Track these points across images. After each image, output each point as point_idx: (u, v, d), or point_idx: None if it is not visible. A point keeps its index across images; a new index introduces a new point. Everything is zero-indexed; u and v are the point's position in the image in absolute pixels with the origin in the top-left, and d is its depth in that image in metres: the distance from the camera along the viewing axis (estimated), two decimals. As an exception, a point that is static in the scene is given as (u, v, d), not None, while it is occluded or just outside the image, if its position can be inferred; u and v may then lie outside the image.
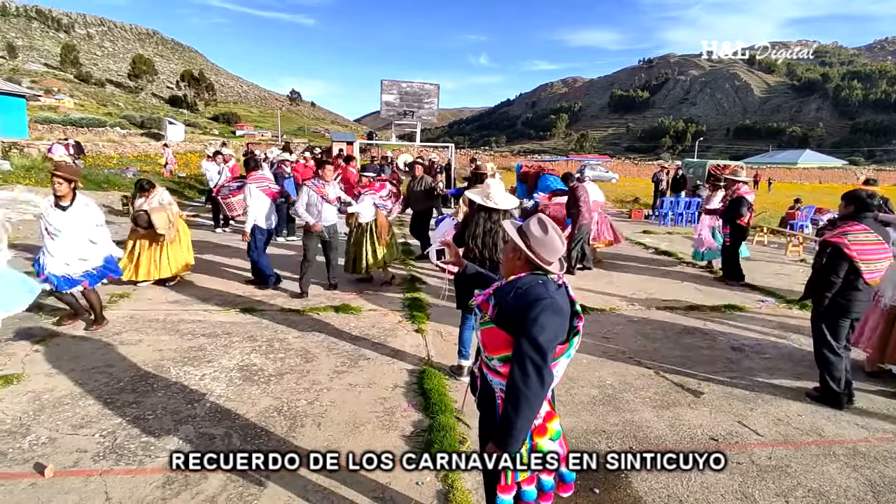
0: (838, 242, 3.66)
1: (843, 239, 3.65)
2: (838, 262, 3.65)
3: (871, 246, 3.64)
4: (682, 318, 5.94)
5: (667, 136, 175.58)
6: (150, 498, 2.63)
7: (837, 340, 3.83)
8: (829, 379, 3.85)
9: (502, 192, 3.98)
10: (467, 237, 3.89)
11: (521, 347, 1.73)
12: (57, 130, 38.79)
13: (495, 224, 3.85)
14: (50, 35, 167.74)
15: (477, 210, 3.95)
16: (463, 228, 4.01)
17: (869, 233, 3.65)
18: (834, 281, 3.66)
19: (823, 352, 3.86)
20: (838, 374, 3.83)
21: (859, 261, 3.59)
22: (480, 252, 3.84)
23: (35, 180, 13.74)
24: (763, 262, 9.55)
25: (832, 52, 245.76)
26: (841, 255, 3.64)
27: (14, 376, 3.84)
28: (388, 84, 16.85)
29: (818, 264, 3.85)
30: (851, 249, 3.61)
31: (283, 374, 4.12)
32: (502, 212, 3.90)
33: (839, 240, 3.67)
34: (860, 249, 3.61)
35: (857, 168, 64.76)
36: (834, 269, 3.66)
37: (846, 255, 3.61)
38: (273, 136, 77.87)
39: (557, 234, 1.93)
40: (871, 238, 3.65)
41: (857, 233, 3.66)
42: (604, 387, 4.12)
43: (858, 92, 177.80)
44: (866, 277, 3.63)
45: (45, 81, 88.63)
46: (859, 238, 3.63)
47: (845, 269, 3.64)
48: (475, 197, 3.97)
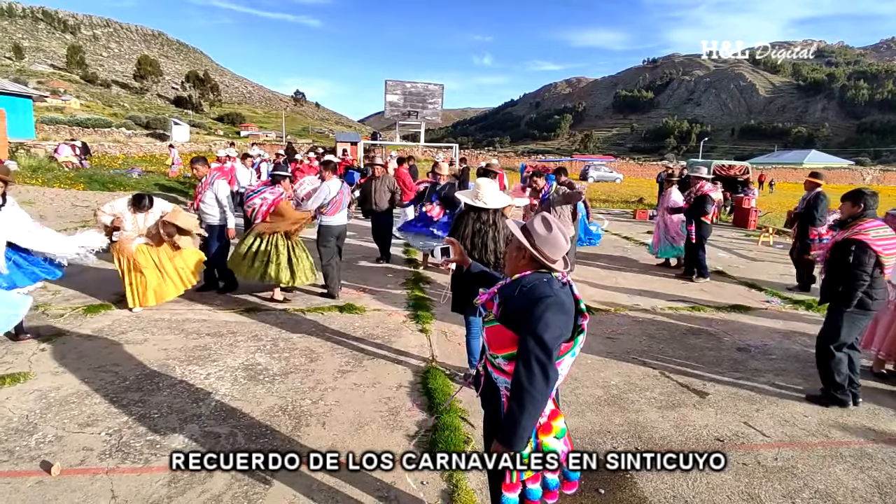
0: (864, 239, 3.69)
1: (868, 235, 3.70)
2: (866, 258, 3.67)
3: (889, 241, 3.71)
4: (687, 319, 5.92)
5: (671, 137, 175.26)
6: (156, 496, 2.64)
7: (852, 337, 3.86)
8: (836, 376, 3.83)
9: (494, 192, 3.81)
10: (457, 237, 3.74)
11: (527, 345, 1.73)
12: (63, 131, 39.04)
13: (485, 224, 3.73)
14: (56, 36, 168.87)
15: (466, 210, 3.84)
16: (454, 228, 3.91)
17: (886, 228, 3.74)
18: (865, 279, 3.67)
19: (831, 349, 3.84)
20: (845, 372, 3.83)
21: (884, 255, 3.67)
22: (470, 253, 3.71)
23: (42, 181, 13.82)
24: (768, 262, 9.51)
25: (838, 52, 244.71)
26: (867, 252, 3.67)
27: (21, 375, 3.86)
28: (392, 84, 16.88)
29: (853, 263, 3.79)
30: (877, 245, 3.66)
31: (287, 373, 4.12)
32: (492, 211, 3.76)
33: (863, 237, 3.70)
34: (884, 245, 3.68)
35: (863, 168, 64.36)
36: (863, 265, 3.67)
37: (872, 251, 3.65)
38: (277, 136, 78.10)
39: (562, 231, 1.93)
40: (889, 233, 3.73)
41: (878, 229, 3.73)
42: (608, 387, 4.11)
43: (865, 92, 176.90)
44: (887, 273, 3.75)
45: (51, 82, 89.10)
46: (880, 234, 3.71)
47: (872, 264, 3.68)
48: (464, 197, 3.85)
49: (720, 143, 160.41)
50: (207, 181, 5.99)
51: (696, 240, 7.59)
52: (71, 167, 17.48)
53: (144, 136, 47.67)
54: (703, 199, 7.53)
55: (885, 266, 3.72)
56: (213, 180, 5.98)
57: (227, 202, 6.02)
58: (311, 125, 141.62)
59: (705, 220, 7.60)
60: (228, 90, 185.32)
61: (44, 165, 16.43)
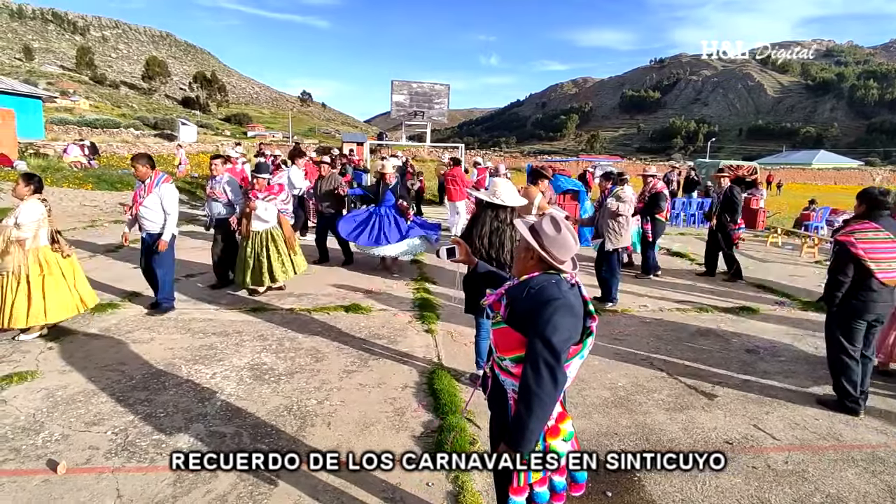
0: (845, 241, 3.62)
1: (851, 237, 3.60)
2: (845, 260, 3.61)
3: (881, 244, 3.55)
4: (695, 320, 5.86)
5: (678, 137, 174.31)
6: (161, 495, 2.63)
7: (852, 343, 3.71)
8: (846, 384, 3.74)
9: (511, 191, 3.80)
10: (474, 236, 3.73)
11: (535, 348, 1.71)
12: (72, 131, 39.39)
13: (502, 223, 3.69)
14: (66, 37, 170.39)
15: (483, 208, 3.78)
16: (469, 227, 3.87)
17: (879, 231, 3.57)
18: (841, 280, 3.62)
19: (839, 356, 3.75)
20: (855, 379, 3.72)
21: (867, 259, 3.52)
22: (487, 252, 3.68)
23: (51, 180, 13.91)
24: (778, 263, 9.43)
25: (848, 52, 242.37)
26: (847, 254, 3.59)
27: (28, 373, 3.88)
28: (398, 84, 16.87)
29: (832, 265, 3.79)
30: (858, 247, 3.55)
31: (293, 373, 4.12)
32: (510, 210, 3.73)
33: (846, 238, 3.63)
34: (868, 248, 3.54)
35: (873, 169, 63.80)
36: (840, 267, 3.63)
37: (853, 254, 3.56)
38: (284, 136, 78.38)
39: (570, 232, 1.90)
40: (882, 236, 3.56)
41: (866, 231, 3.59)
42: (616, 389, 4.07)
43: (874, 92, 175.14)
44: (879, 277, 3.54)
45: (60, 83, 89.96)
46: (867, 236, 3.57)
47: (852, 267, 3.58)
48: (482, 195, 3.82)
49: (728, 144, 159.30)
50: (152, 183, 5.23)
51: (651, 237, 7.84)
52: (80, 167, 17.61)
53: (152, 136, 47.99)
54: (657, 197, 7.76)
55: (874, 271, 3.52)
56: (158, 183, 5.24)
57: (174, 209, 5.31)
58: (317, 125, 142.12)
59: (660, 218, 7.84)
60: (236, 91, 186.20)
61: (53, 165, 16.55)
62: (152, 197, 5.21)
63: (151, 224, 5.27)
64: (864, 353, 3.79)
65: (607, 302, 6.24)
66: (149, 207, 5.22)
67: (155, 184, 5.24)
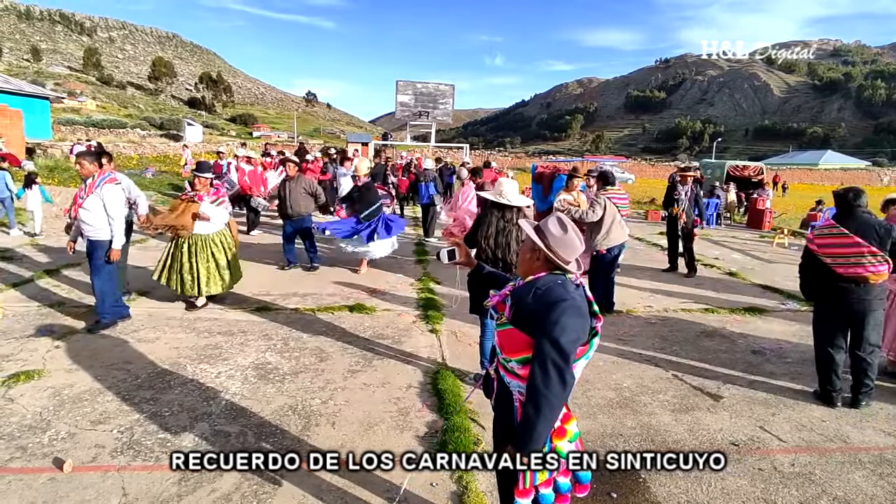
0: (806, 239, 3.99)
1: (810, 234, 3.97)
2: (804, 255, 3.97)
3: (837, 240, 3.70)
4: (700, 321, 5.84)
5: (684, 137, 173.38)
6: (166, 494, 2.64)
7: (830, 336, 3.86)
8: (824, 374, 3.91)
9: (515, 191, 3.84)
10: (479, 237, 3.74)
11: (543, 349, 1.69)
12: (79, 132, 39.63)
13: (508, 223, 3.70)
14: (73, 38, 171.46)
15: (489, 208, 3.79)
16: (475, 228, 3.87)
17: (834, 227, 3.74)
18: (803, 273, 4.01)
19: (819, 347, 3.96)
20: (828, 370, 3.87)
21: (821, 254, 3.75)
22: (493, 252, 3.69)
23: (58, 180, 14.01)
24: (784, 264, 9.36)
25: (855, 51, 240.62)
26: (806, 250, 3.95)
27: (35, 372, 3.90)
28: (403, 84, 16.89)
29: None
30: (814, 243, 3.82)
31: (297, 372, 4.13)
32: (515, 210, 3.74)
33: (808, 236, 3.99)
34: (823, 244, 3.75)
35: (880, 170, 63.33)
36: (802, 262, 4.01)
37: (809, 250, 3.87)
38: (289, 137, 78.61)
39: (576, 232, 1.89)
40: (836, 232, 3.71)
41: (823, 228, 3.86)
42: (620, 389, 4.05)
43: (882, 91, 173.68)
44: (839, 271, 3.69)
45: (67, 84, 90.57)
46: (824, 233, 3.80)
47: (811, 262, 3.88)
48: (488, 195, 3.83)
49: (734, 144, 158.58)
50: (94, 183, 4.67)
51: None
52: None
53: (158, 136, 48.25)
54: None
55: (831, 265, 3.70)
56: (100, 183, 4.68)
57: (118, 213, 4.75)
58: (322, 126, 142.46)
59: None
60: (241, 91, 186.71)
61: (60, 165, 16.67)
62: (93, 198, 4.66)
63: (90, 228, 4.72)
64: (857, 351, 3.81)
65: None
66: (88, 210, 4.67)
67: (97, 184, 4.68)
